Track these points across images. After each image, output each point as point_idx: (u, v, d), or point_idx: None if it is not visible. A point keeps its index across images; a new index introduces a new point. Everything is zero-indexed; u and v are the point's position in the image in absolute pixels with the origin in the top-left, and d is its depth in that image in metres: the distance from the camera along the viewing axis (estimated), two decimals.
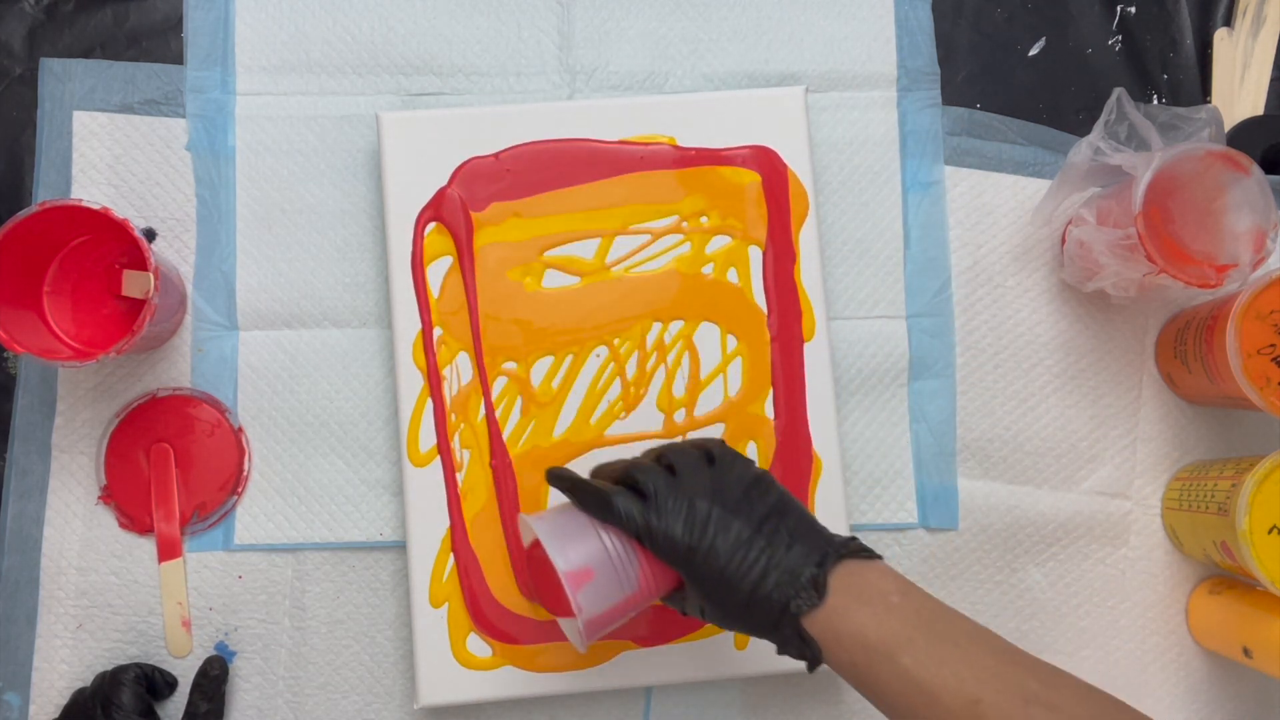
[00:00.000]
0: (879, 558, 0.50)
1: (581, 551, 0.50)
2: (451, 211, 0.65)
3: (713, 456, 0.51)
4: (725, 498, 0.49)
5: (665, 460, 0.51)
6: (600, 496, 0.51)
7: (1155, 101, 0.72)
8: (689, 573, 0.49)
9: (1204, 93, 0.72)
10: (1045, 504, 0.68)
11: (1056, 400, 0.69)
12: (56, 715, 0.63)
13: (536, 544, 0.52)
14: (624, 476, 0.51)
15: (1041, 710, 0.42)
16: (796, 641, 0.48)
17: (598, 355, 0.65)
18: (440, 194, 0.65)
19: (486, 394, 0.64)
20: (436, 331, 0.64)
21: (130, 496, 0.65)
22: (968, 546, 0.67)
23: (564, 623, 0.57)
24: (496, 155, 0.65)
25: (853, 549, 0.49)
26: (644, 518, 0.49)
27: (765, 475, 0.51)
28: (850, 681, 0.47)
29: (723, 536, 0.48)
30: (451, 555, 0.63)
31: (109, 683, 0.61)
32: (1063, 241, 0.68)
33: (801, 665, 0.47)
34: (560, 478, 0.53)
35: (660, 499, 0.49)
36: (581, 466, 0.57)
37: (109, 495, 0.65)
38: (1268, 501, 0.57)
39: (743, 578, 0.48)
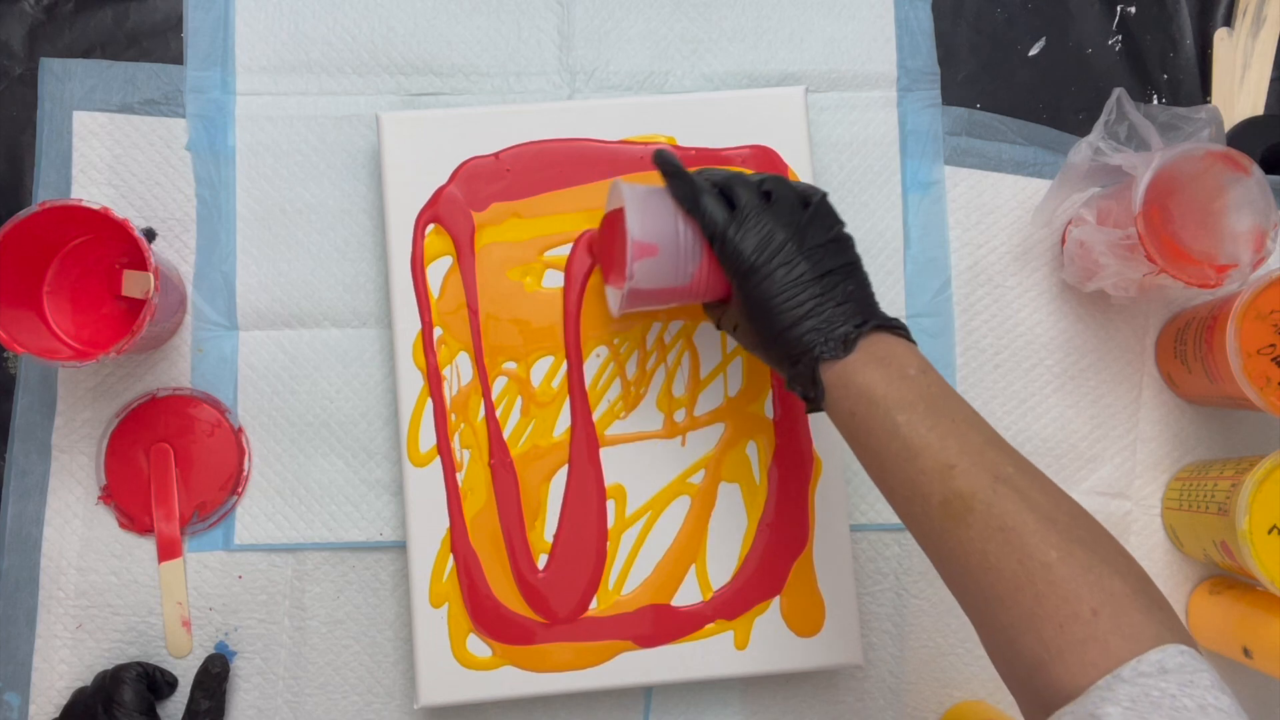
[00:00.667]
0: (913, 343, 0.52)
1: (655, 229, 0.54)
2: (451, 212, 0.65)
3: (809, 203, 0.53)
4: (803, 239, 0.52)
5: (765, 186, 0.54)
6: (693, 188, 0.54)
7: (1155, 101, 0.72)
8: (742, 289, 0.52)
9: (1204, 93, 0.72)
10: None
11: (1056, 400, 0.69)
12: (57, 715, 0.63)
13: (619, 211, 0.56)
14: (723, 183, 0.54)
15: (1007, 490, 0.44)
16: (807, 381, 0.51)
17: (598, 355, 0.65)
18: (439, 194, 0.65)
19: (486, 394, 0.64)
20: (436, 331, 0.64)
21: (130, 496, 0.65)
22: None
23: (610, 290, 0.62)
24: (496, 155, 0.65)
25: (892, 325, 0.52)
26: (725, 224, 0.52)
27: (848, 239, 0.54)
28: (842, 429, 0.50)
29: (785, 269, 0.51)
30: (451, 555, 0.63)
31: (110, 681, 0.61)
32: (1063, 241, 0.68)
33: (801, 664, 0.47)
34: (664, 160, 0.56)
35: (746, 214, 0.52)
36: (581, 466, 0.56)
37: (109, 495, 0.65)
38: (1268, 501, 0.57)
39: (786, 312, 0.51)
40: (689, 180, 0.54)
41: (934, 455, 0.46)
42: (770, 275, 0.51)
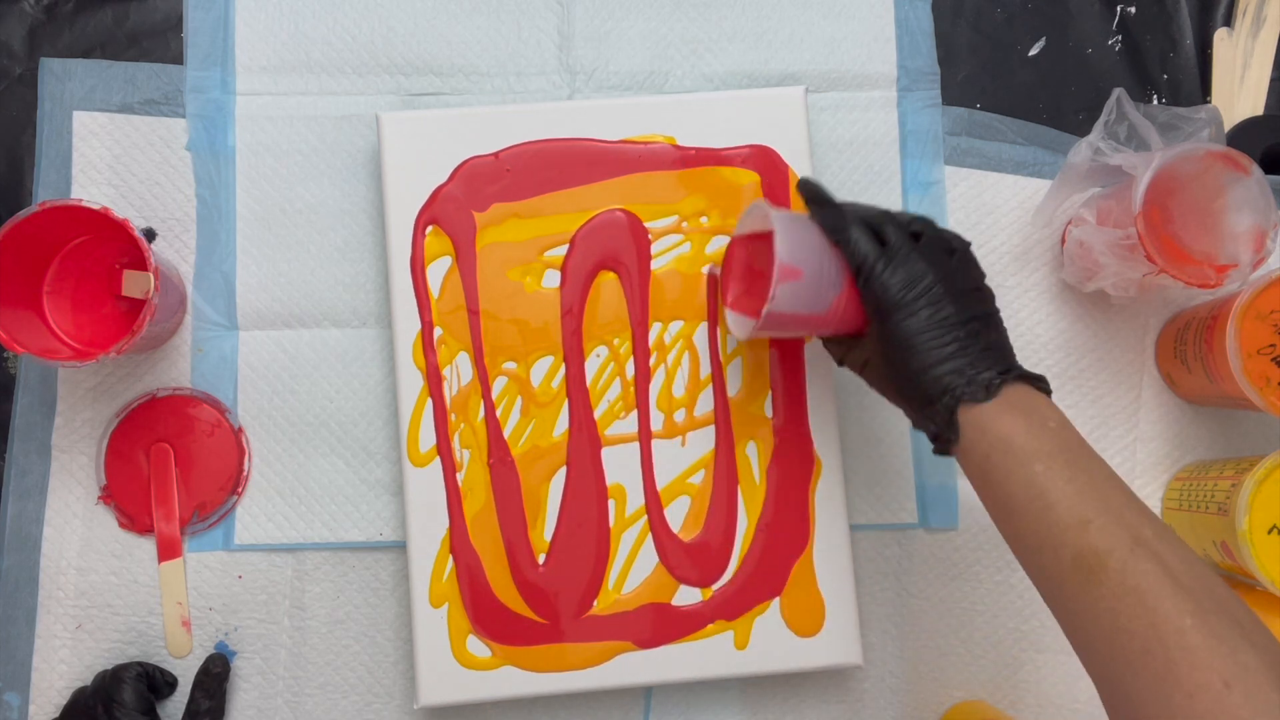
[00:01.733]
0: (1051, 398, 0.52)
1: (801, 253, 0.53)
2: (450, 212, 0.65)
3: (954, 250, 0.54)
4: (951, 283, 0.52)
5: (914, 227, 0.54)
6: (842, 218, 0.54)
7: (1155, 101, 0.72)
8: (884, 325, 0.52)
9: (1204, 93, 0.72)
10: None
11: (1056, 400, 0.68)
12: (57, 715, 0.63)
13: (758, 235, 0.57)
14: (872, 219, 0.54)
15: (1144, 552, 0.43)
16: (943, 422, 0.50)
17: (598, 355, 0.65)
18: (438, 194, 0.65)
19: (486, 394, 0.64)
20: (436, 331, 0.64)
21: (130, 496, 0.65)
22: (968, 546, 0.67)
23: (731, 313, 0.62)
24: (496, 155, 0.65)
25: (1033, 378, 0.51)
26: (875, 258, 0.52)
27: (990, 291, 0.54)
28: (973, 474, 0.50)
29: (931, 309, 0.51)
30: (451, 555, 0.63)
31: (110, 681, 0.61)
32: (1063, 241, 0.68)
33: (801, 664, 0.46)
34: (811, 188, 0.56)
35: (896, 250, 0.52)
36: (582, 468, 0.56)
37: (109, 495, 0.65)
38: (1268, 501, 0.57)
39: (929, 351, 0.50)
40: (839, 210, 0.54)
41: (1070, 509, 0.45)
42: (916, 313, 0.51)
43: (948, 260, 0.53)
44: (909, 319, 0.51)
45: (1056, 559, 0.45)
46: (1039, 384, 0.52)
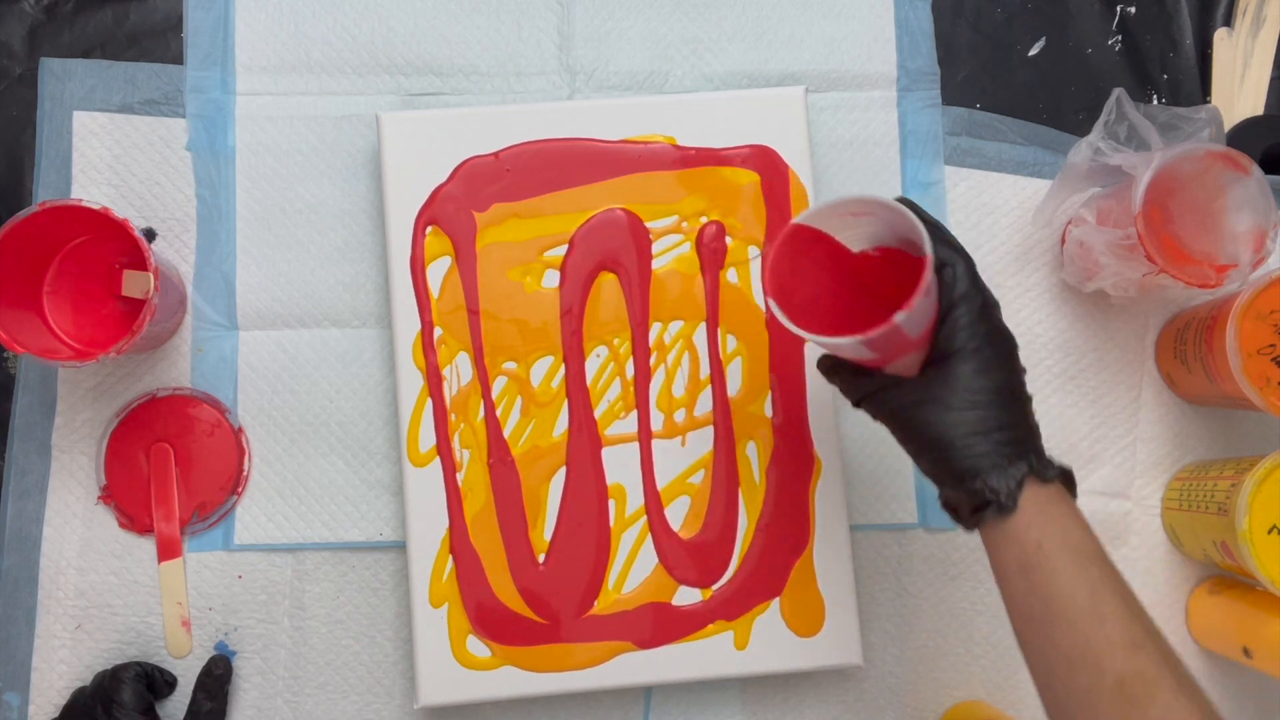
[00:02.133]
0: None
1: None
2: (450, 212, 0.65)
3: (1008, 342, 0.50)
4: (1017, 357, 0.49)
5: (989, 297, 0.50)
6: (957, 250, 0.48)
7: (1155, 101, 0.72)
8: (955, 370, 0.47)
9: (1204, 93, 0.72)
10: None
11: (1056, 400, 0.69)
12: (56, 715, 0.63)
13: (824, 237, 0.50)
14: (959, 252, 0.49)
15: (1187, 691, 0.42)
16: (1008, 489, 0.45)
17: (598, 355, 0.65)
18: (438, 194, 0.65)
19: (486, 394, 0.64)
20: (436, 331, 0.64)
21: (130, 496, 0.65)
22: (967, 546, 0.67)
23: (822, 339, 0.48)
24: (496, 155, 0.65)
25: (1067, 473, 0.48)
26: (977, 302, 0.47)
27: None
28: (1008, 564, 0.45)
29: (1006, 371, 0.47)
30: (451, 555, 0.63)
31: (109, 681, 0.61)
32: (1063, 241, 0.68)
33: (801, 664, 0.46)
34: (918, 213, 0.49)
35: (988, 299, 0.48)
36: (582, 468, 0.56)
37: (109, 495, 0.65)
38: (1268, 501, 0.57)
39: (1003, 411, 0.46)
40: (954, 243, 0.49)
41: (1124, 627, 0.42)
42: (988, 375, 0.47)
43: (1013, 342, 0.49)
44: (988, 373, 0.47)
45: (1098, 678, 0.42)
46: (1070, 481, 0.48)
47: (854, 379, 0.51)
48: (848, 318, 0.50)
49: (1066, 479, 0.48)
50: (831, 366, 0.53)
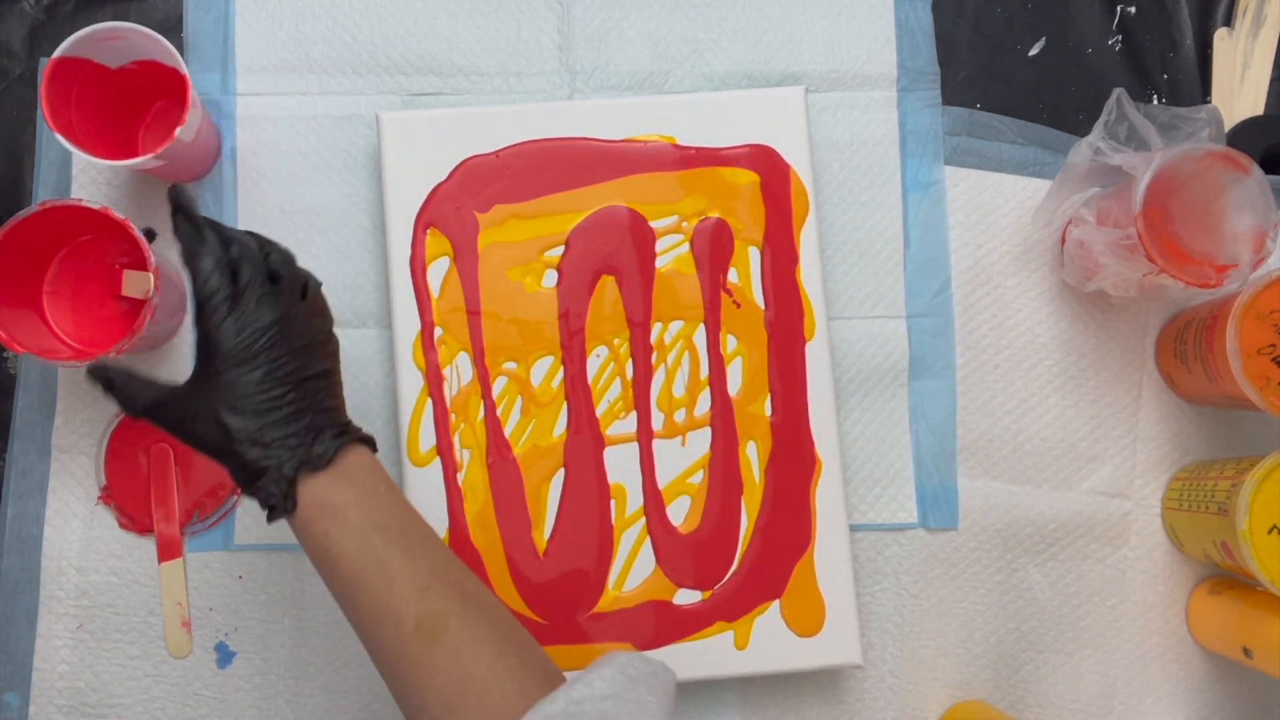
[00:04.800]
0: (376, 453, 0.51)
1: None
2: (449, 213, 0.65)
3: (307, 293, 0.51)
4: (295, 334, 0.48)
5: (271, 263, 0.50)
6: (199, 241, 0.48)
7: (1155, 101, 0.72)
8: (216, 378, 0.47)
9: (1204, 93, 0.72)
10: (1045, 504, 0.68)
11: (1056, 400, 0.69)
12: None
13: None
14: (235, 247, 0.49)
15: (475, 606, 0.47)
16: (278, 493, 0.47)
17: (598, 355, 0.65)
18: (438, 194, 0.65)
19: (486, 394, 0.64)
20: (436, 331, 0.64)
21: (130, 496, 0.65)
22: (968, 546, 0.68)
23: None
24: (496, 155, 0.65)
25: (366, 438, 0.50)
26: (221, 298, 0.47)
27: (335, 340, 0.52)
28: (310, 549, 0.48)
29: (269, 366, 0.47)
30: None
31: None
32: (1063, 241, 0.68)
33: (801, 664, 0.46)
34: (180, 193, 0.50)
35: (247, 293, 0.48)
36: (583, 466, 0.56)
37: (109, 495, 0.65)
38: (1268, 501, 0.57)
39: (264, 414, 0.47)
40: (200, 230, 0.49)
41: (410, 577, 0.46)
42: (256, 369, 0.47)
43: (299, 306, 0.49)
44: (247, 374, 0.47)
45: (399, 629, 0.45)
46: (369, 442, 0.50)
47: (129, 389, 0.50)
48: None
49: (366, 442, 0.50)
50: (106, 380, 0.51)
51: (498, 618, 0.47)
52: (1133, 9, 0.72)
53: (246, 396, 0.47)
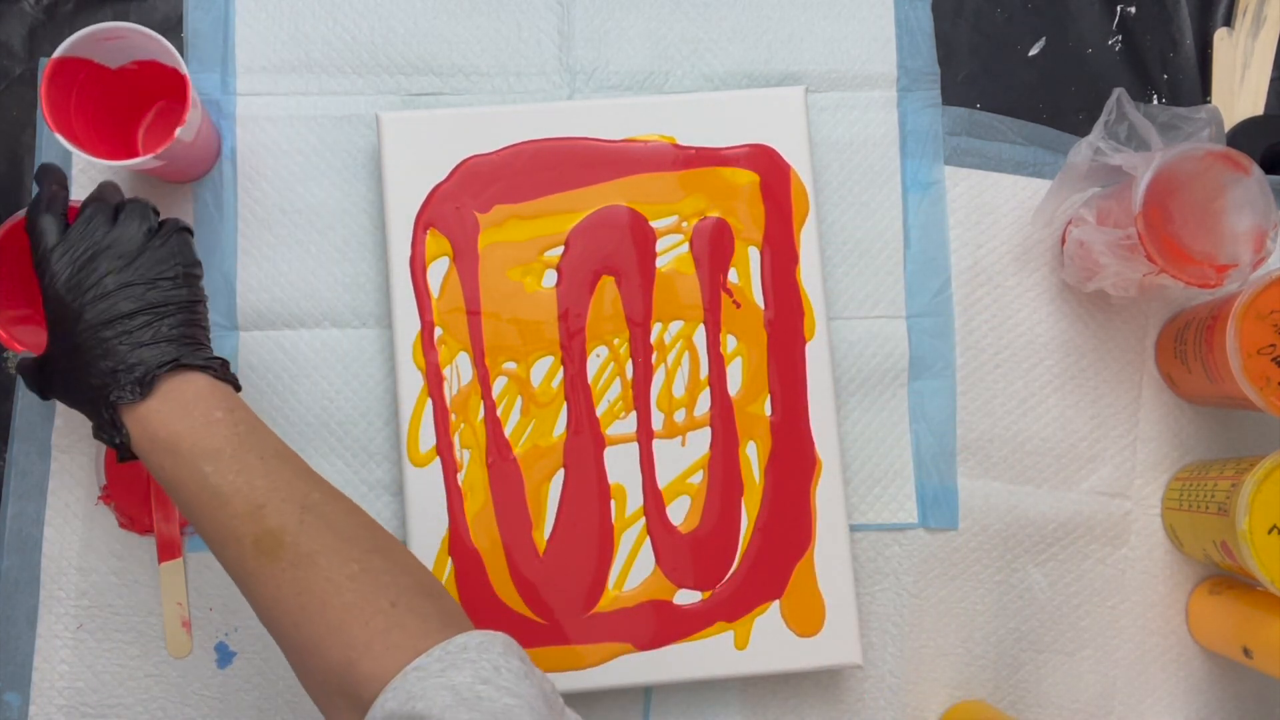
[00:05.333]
0: (232, 380, 0.52)
1: None
2: (449, 213, 0.65)
3: (154, 231, 0.51)
4: (133, 272, 0.50)
5: (122, 208, 0.52)
6: (37, 205, 0.51)
7: (1155, 101, 0.72)
8: (53, 325, 0.50)
9: (1204, 93, 0.72)
10: (1045, 504, 0.68)
11: (1056, 400, 0.69)
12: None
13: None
14: (91, 197, 0.51)
15: (313, 517, 0.47)
16: (109, 428, 0.49)
17: (598, 355, 0.65)
18: (438, 194, 0.65)
19: (486, 394, 0.64)
20: (436, 331, 0.64)
21: (130, 496, 0.65)
22: (968, 546, 0.68)
23: None
24: (496, 155, 0.65)
25: (205, 364, 0.50)
26: (52, 245, 0.50)
27: (194, 277, 0.52)
28: (159, 480, 0.49)
29: (98, 303, 0.49)
30: (451, 556, 0.63)
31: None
32: (1063, 241, 0.68)
33: (801, 664, 0.46)
34: (47, 170, 0.53)
35: (76, 235, 0.50)
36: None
37: (109, 495, 0.65)
38: (1268, 501, 0.57)
39: (89, 349, 0.48)
40: (44, 194, 0.52)
41: (244, 498, 0.47)
42: (81, 310, 0.49)
43: (144, 243, 0.51)
44: (78, 317, 0.49)
45: (240, 549, 0.46)
46: (210, 368, 0.50)
47: (27, 370, 0.54)
48: None
49: (209, 368, 0.50)
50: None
51: (341, 525, 0.47)
52: (1133, 9, 0.72)
53: (75, 338, 0.49)
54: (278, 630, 0.47)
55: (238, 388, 0.52)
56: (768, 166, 0.66)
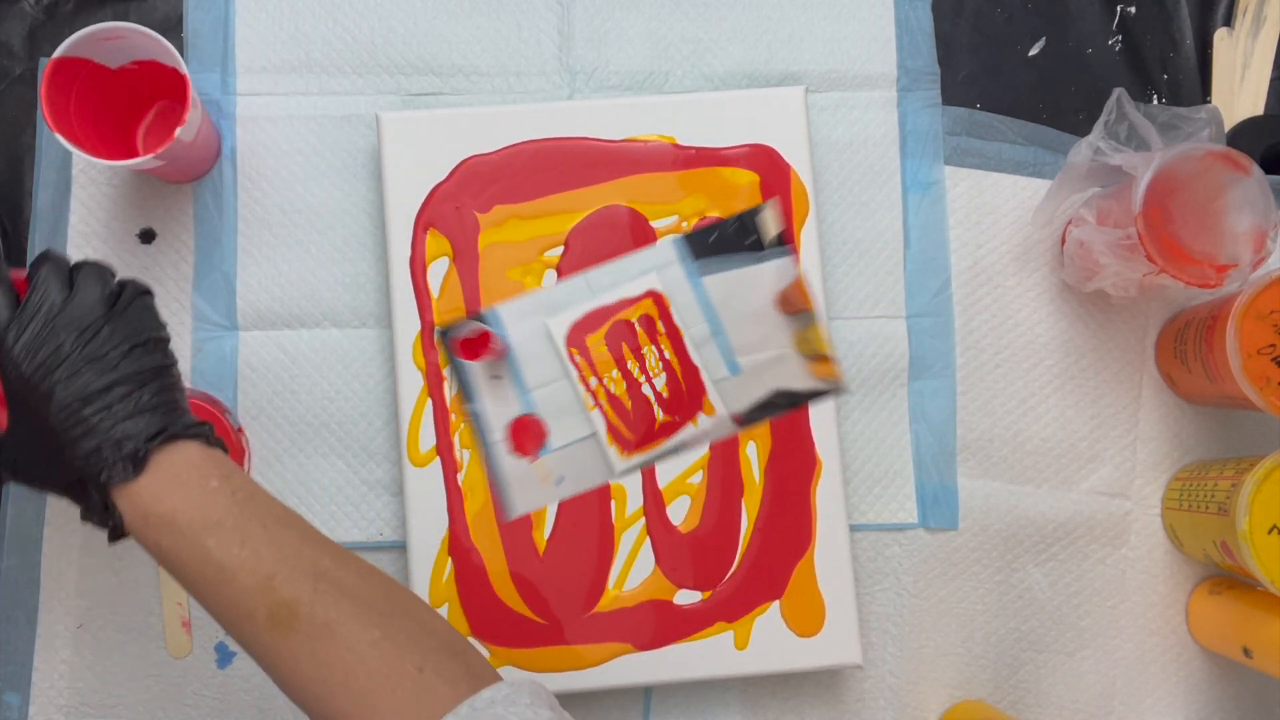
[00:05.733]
0: (221, 444, 0.48)
1: None
2: (449, 213, 0.65)
3: (115, 295, 0.47)
4: (99, 344, 0.45)
5: (75, 277, 0.46)
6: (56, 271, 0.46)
7: (1155, 101, 0.72)
8: (18, 410, 0.46)
9: (1204, 93, 0.72)
10: (1045, 504, 0.68)
11: (1056, 400, 0.69)
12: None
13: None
14: (33, 271, 0.46)
15: (326, 585, 0.44)
16: (100, 510, 0.46)
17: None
18: (438, 194, 0.65)
19: None
20: (437, 331, 0.64)
21: None
22: (968, 546, 0.68)
23: None
24: (496, 155, 0.65)
25: (195, 431, 0.47)
26: (3, 326, 0.45)
27: (162, 341, 0.48)
28: (157, 560, 0.46)
29: (68, 382, 0.44)
30: (451, 556, 0.63)
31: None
32: (1063, 241, 0.68)
33: (801, 664, 0.46)
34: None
35: (31, 311, 0.45)
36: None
37: None
38: (1268, 501, 0.57)
39: (65, 432, 0.44)
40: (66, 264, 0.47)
41: (251, 571, 0.44)
42: (52, 389, 0.44)
43: (103, 314, 0.46)
44: (49, 397, 0.44)
45: (254, 624, 0.44)
46: (197, 435, 0.47)
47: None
48: None
49: (196, 434, 0.47)
50: None
51: (357, 590, 0.45)
52: (1133, 9, 0.72)
53: (49, 419, 0.45)
54: (301, 702, 0.45)
55: (226, 451, 0.49)
56: (768, 166, 0.66)
